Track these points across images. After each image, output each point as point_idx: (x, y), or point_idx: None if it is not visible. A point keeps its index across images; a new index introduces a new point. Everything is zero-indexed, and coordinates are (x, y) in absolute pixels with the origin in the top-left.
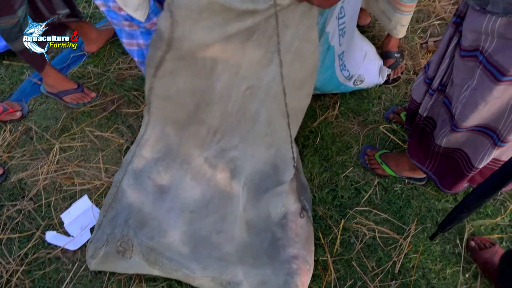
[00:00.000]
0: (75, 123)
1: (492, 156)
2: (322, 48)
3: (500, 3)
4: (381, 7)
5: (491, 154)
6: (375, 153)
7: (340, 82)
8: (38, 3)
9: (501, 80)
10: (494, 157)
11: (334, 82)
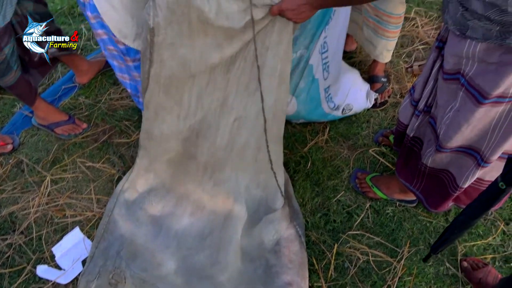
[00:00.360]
0: (67, 155)
1: (476, 176)
2: (306, 80)
3: (479, 29)
4: (365, 35)
5: (475, 174)
6: (366, 176)
7: (326, 113)
8: None
9: (483, 103)
10: (479, 177)
11: (320, 113)
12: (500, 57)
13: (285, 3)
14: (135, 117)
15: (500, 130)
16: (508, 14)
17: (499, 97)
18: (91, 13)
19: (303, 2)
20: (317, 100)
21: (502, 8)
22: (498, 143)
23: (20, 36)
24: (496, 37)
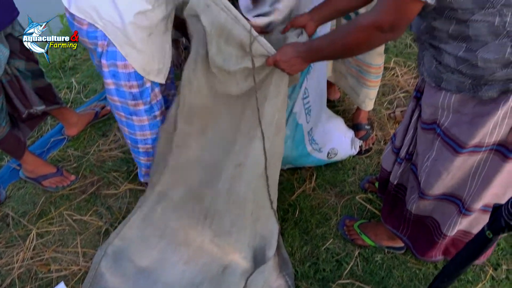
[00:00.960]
0: (54, 207)
1: (459, 224)
2: (291, 126)
3: (453, 82)
4: (349, 83)
5: (458, 222)
6: (354, 223)
7: (312, 156)
8: (14, 99)
9: (460, 152)
10: (464, 230)
11: (306, 156)
12: (474, 108)
13: (279, 55)
14: (123, 168)
15: (479, 178)
16: (478, 68)
17: (476, 146)
18: (107, 61)
19: (295, 55)
20: (302, 144)
21: (472, 63)
22: (478, 191)
23: (10, 94)
24: (469, 90)
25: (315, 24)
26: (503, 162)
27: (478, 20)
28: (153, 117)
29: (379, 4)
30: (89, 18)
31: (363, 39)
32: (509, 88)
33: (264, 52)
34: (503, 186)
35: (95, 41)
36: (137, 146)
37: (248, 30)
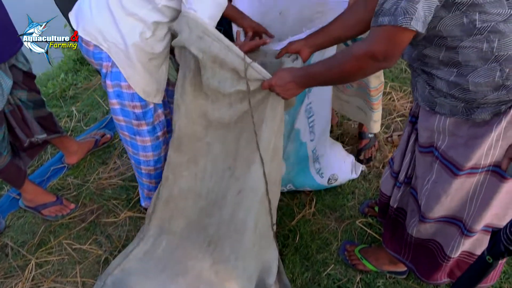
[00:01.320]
0: (53, 236)
1: (462, 245)
2: (295, 144)
3: (446, 106)
4: (356, 104)
5: (461, 243)
6: (355, 248)
7: (313, 178)
8: (16, 128)
9: (458, 175)
10: (468, 251)
11: (308, 176)
12: (468, 131)
13: (274, 79)
14: (123, 196)
15: (478, 200)
16: (470, 92)
17: (472, 168)
18: (111, 82)
19: (289, 80)
20: (306, 162)
21: (464, 87)
22: (478, 212)
23: (12, 124)
24: (462, 113)
25: (310, 51)
26: (501, 182)
27: (467, 46)
28: (155, 138)
29: (371, 34)
30: (94, 40)
31: (357, 67)
32: (501, 110)
33: (259, 77)
34: (503, 207)
35: (100, 62)
36: (140, 167)
37: (242, 58)
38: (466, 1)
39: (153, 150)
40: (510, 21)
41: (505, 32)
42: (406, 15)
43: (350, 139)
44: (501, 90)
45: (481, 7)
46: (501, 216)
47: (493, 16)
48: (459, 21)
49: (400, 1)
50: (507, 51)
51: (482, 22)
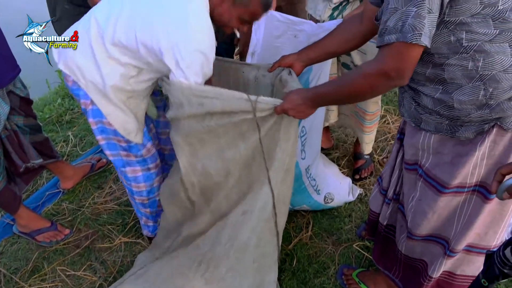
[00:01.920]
0: (47, 263)
1: (444, 265)
2: None
3: (431, 122)
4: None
5: (443, 264)
6: (352, 272)
7: (309, 193)
8: (12, 153)
9: (444, 192)
10: (449, 271)
11: (304, 193)
12: (453, 148)
13: (286, 103)
14: (119, 221)
15: (464, 219)
16: (454, 110)
17: (459, 187)
18: (93, 119)
19: (300, 102)
20: (300, 180)
21: (449, 104)
22: (462, 231)
23: (8, 149)
24: (447, 130)
25: (302, 65)
26: (484, 203)
27: (453, 64)
28: (146, 169)
29: (380, 53)
30: (73, 75)
31: (369, 86)
32: (484, 129)
33: (270, 106)
34: (485, 226)
35: (78, 98)
36: (134, 196)
37: (246, 98)
38: (454, 19)
39: (144, 181)
40: (496, 42)
41: (490, 52)
42: (415, 31)
43: (347, 162)
44: (485, 109)
45: (468, 26)
46: (482, 236)
47: (480, 36)
48: (447, 39)
49: (406, 18)
50: (491, 71)
51: (469, 41)
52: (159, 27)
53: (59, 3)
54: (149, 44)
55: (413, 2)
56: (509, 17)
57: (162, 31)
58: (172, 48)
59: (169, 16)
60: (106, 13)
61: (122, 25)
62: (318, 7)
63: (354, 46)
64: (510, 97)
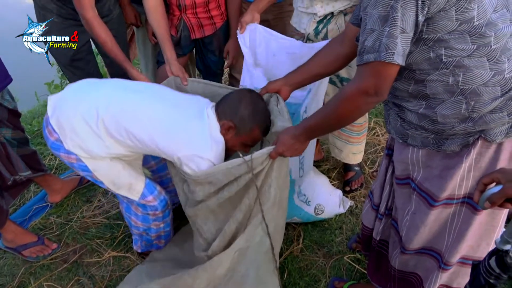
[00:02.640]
0: (33, 278)
1: (440, 279)
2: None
3: (418, 138)
4: (331, 141)
5: (439, 277)
6: (343, 285)
7: (299, 208)
8: (0, 166)
9: (434, 206)
10: (445, 284)
11: (293, 207)
12: (441, 161)
13: (279, 147)
14: (107, 235)
15: (455, 231)
16: (439, 123)
17: (448, 199)
18: (82, 172)
19: (293, 142)
20: (291, 197)
21: (433, 119)
22: (454, 244)
23: None
24: (433, 144)
25: (289, 89)
26: (474, 214)
27: (434, 80)
28: (146, 213)
29: (359, 72)
30: (62, 135)
31: (352, 107)
32: (469, 142)
33: (265, 154)
34: (477, 238)
35: (57, 152)
36: (132, 229)
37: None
38: (432, 36)
39: (142, 221)
40: (474, 56)
41: (470, 67)
42: (388, 50)
43: (337, 174)
44: (468, 122)
45: (447, 42)
46: (475, 248)
47: (458, 52)
48: (427, 56)
49: (381, 37)
50: (472, 85)
51: (448, 57)
52: (181, 141)
53: (47, 16)
54: (167, 150)
55: (387, 22)
56: (485, 33)
57: (182, 146)
58: (191, 159)
59: (192, 132)
60: (119, 103)
61: (141, 121)
62: (303, 21)
63: (338, 67)
64: (492, 110)
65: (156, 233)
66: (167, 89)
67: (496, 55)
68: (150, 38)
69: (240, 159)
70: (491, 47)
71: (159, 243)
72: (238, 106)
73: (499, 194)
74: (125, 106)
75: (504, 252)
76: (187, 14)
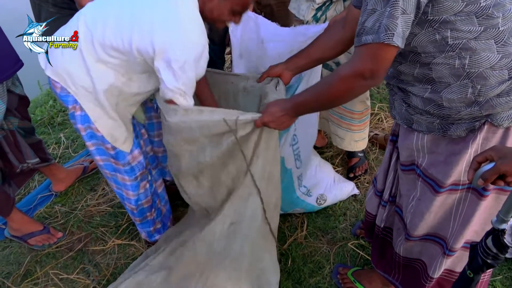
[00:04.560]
0: (39, 267)
1: (444, 266)
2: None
3: (423, 123)
4: (331, 130)
5: (443, 263)
6: (347, 271)
7: (301, 200)
8: (9, 154)
9: (439, 192)
10: (449, 269)
11: (295, 200)
12: (446, 147)
13: (266, 116)
14: (112, 223)
15: (460, 217)
16: (444, 108)
17: (453, 184)
18: (82, 125)
19: (281, 114)
20: (292, 188)
21: (438, 103)
22: (459, 229)
23: (5, 149)
24: (438, 129)
25: (290, 74)
26: (479, 200)
27: (440, 63)
28: (134, 179)
29: (356, 54)
30: (62, 81)
31: (346, 88)
32: (475, 127)
33: (249, 120)
34: (481, 223)
35: (66, 104)
36: (125, 202)
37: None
38: (438, 18)
39: (132, 189)
40: (481, 39)
41: (476, 49)
42: (388, 31)
43: (341, 160)
44: (474, 106)
45: (453, 24)
46: (479, 232)
47: (464, 34)
48: (432, 38)
49: (381, 18)
50: (478, 68)
51: (454, 39)
52: (149, 27)
53: (43, 7)
54: (140, 45)
55: (389, 3)
56: (493, 14)
57: (153, 32)
58: (165, 48)
59: (160, 16)
60: (93, 14)
61: (111, 26)
62: (301, 7)
63: (340, 52)
64: (498, 94)
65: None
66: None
67: (504, 37)
68: None
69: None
70: (498, 28)
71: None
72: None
73: (492, 171)
74: (96, 18)
75: (500, 232)
76: None
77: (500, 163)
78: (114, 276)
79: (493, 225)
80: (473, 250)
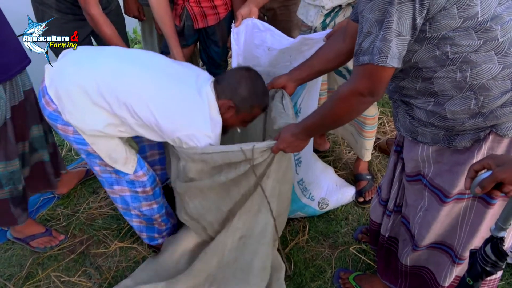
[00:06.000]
0: (41, 269)
1: (454, 273)
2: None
3: (428, 135)
4: (349, 130)
5: (453, 272)
6: (349, 276)
7: (303, 203)
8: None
9: (446, 202)
10: (459, 275)
11: (297, 204)
12: (451, 157)
13: (281, 143)
14: (114, 226)
15: (467, 226)
16: (448, 120)
17: (459, 194)
18: (77, 145)
19: (293, 139)
20: (294, 194)
21: (442, 115)
22: (467, 238)
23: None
24: (443, 141)
25: (294, 85)
26: (486, 208)
27: (441, 76)
28: (134, 192)
29: (354, 73)
30: (61, 106)
31: (348, 107)
32: (480, 137)
33: (264, 148)
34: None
35: (54, 124)
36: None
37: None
38: (436, 35)
39: (132, 201)
40: (481, 51)
41: (477, 62)
42: (382, 54)
43: (343, 165)
44: (478, 117)
45: (452, 39)
46: None
47: (464, 48)
48: (432, 54)
49: (376, 41)
50: (480, 80)
51: (454, 54)
52: (181, 118)
53: (46, 12)
54: (166, 129)
55: (383, 26)
56: (491, 27)
57: (183, 122)
58: (190, 138)
59: (193, 114)
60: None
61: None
62: (310, 13)
63: (341, 63)
64: (502, 104)
65: (152, 215)
66: (165, 59)
67: (504, 48)
68: (156, 28)
69: (237, 145)
70: (498, 40)
71: (159, 226)
72: (238, 85)
73: (489, 179)
74: (125, 79)
75: (499, 239)
76: (190, 3)
77: (497, 171)
78: (116, 279)
79: (492, 233)
80: (473, 257)
